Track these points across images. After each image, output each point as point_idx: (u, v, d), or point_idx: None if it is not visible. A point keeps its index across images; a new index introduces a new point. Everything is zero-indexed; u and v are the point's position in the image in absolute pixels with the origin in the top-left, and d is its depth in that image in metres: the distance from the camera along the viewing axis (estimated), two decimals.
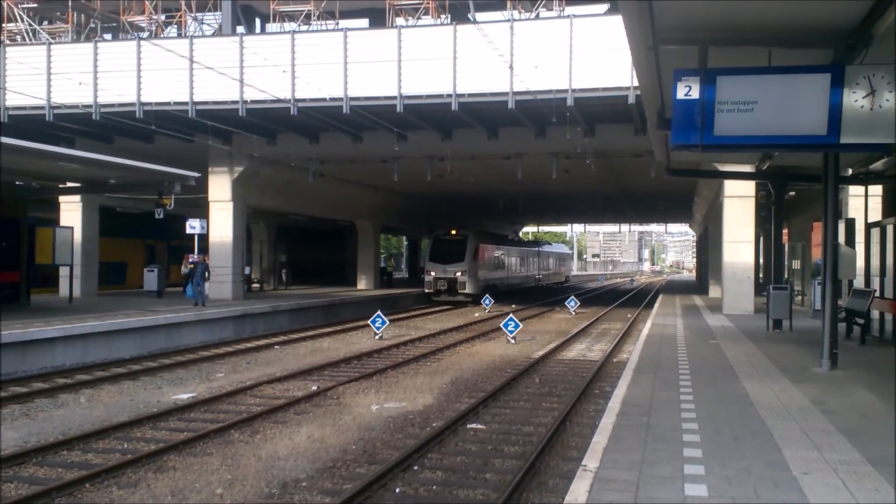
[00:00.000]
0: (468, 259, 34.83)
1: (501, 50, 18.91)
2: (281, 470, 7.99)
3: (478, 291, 34.64)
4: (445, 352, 17.80)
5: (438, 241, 35.95)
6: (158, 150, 24.92)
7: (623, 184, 35.88)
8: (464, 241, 35.39)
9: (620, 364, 14.74)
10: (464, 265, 34.61)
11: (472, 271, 34.98)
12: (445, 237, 35.89)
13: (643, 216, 61.34)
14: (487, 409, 11.09)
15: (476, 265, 35.41)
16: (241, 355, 16.71)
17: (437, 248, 35.59)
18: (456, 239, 35.62)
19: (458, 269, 34.59)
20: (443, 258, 34.89)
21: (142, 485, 7.52)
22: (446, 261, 34.67)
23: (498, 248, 41.51)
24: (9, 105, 22.04)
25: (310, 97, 20.59)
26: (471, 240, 35.70)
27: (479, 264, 36.04)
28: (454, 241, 35.51)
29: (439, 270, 34.70)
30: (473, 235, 36.24)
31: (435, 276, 34.72)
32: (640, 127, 21.45)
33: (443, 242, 35.68)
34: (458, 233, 35.90)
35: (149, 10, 31.26)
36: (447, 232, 36.06)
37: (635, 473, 5.72)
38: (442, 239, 35.90)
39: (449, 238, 35.80)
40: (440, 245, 35.64)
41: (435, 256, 35.35)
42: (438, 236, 36.18)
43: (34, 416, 10.59)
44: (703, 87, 9.13)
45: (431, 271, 35.06)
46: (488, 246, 38.67)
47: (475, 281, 35.19)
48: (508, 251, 44.24)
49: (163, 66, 21.07)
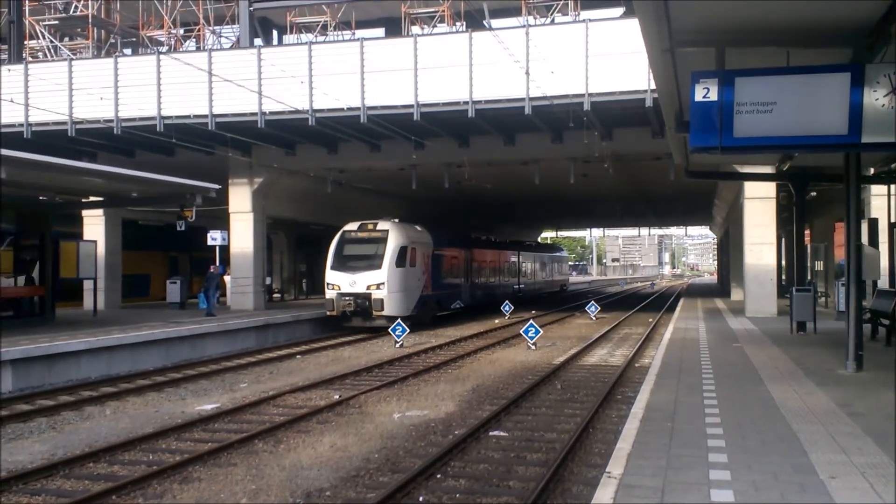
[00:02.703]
0: (389, 265, 23.53)
1: (517, 56, 18.94)
2: (305, 479, 8.02)
3: (408, 311, 24.02)
4: (466, 359, 17.79)
5: (345, 240, 24.59)
6: (179, 163, 25.16)
7: (642, 187, 35.72)
8: (383, 239, 24.10)
9: (643, 369, 14.65)
10: (382, 274, 23.37)
11: (399, 283, 23.77)
12: (355, 234, 24.73)
13: (663, 219, 60.95)
14: (509, 416, 11.06)
15: (405, 274, 24.18)
16: (264, 365, 16.80)
17: (343, 251, 24.33)
18: (371, 236, 24.44)
19: (374, 280, 23.34)
20: (350, 265, 23.88)
21: (167, 496, 7.57)
22: (355, 269, 23.70)
23: (448, 250, 29.15)
24: (32, 121, 22.38)
25: (327, 107, 20.73)
26: (395, 237, 24.19)
27: (411, 273, 24.65)
28: (368, 239, 24.43)
29: (345, 283, 23.43)
30: (399, 231, 24.66)
31: (339, 293, 23.44)
32: (658, 130, 21.37)
33: (351, 242, 24.55)
34: (376, 228, 24.69)
35: (167, 25, 31.66)
36: (361, 226, 24.88)
37: (660, 479, 5.68)
38: (350, 237, 24.65)
39: (360, 236, 24.65)
40: (347, 246, 24.47)
41: (339, 263, 24.04)
42: (346, 234, 24.76)
43: (61, 429, 10.71)
44: (721, 88, 9.09)
45: (334, 284, 23.63)
46: (426, 246, 26.56)
47: (404, 296, 24.02)
48: (468, 254, 31.69)
49: (182, 79, 21.33)
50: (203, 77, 20.97)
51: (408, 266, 24.41)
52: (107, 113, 21.83)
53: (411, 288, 24.70)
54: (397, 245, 24.07)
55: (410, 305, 24.57)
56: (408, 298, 24.35)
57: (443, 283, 28.18)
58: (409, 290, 24.52)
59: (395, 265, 23.67)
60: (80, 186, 18.33)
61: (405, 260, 24.27)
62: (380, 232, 24.52)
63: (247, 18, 26.89)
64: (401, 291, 23.90)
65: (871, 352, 12.02)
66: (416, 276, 25.15)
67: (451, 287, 29.37)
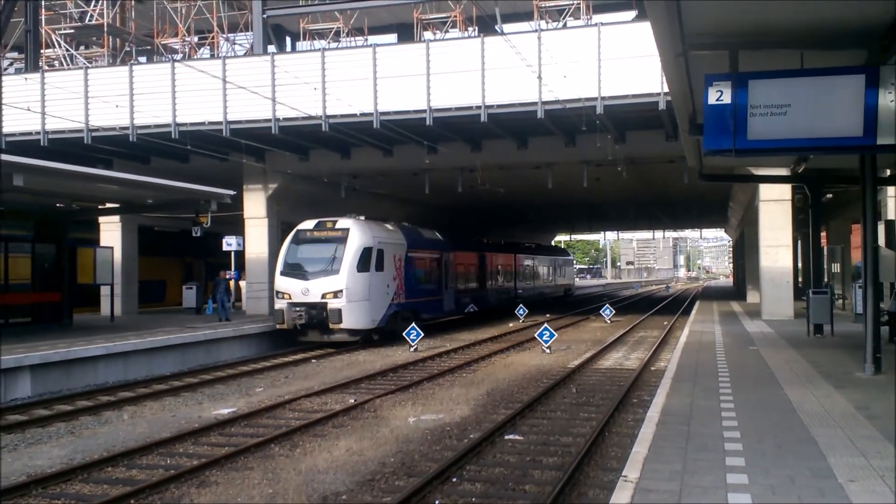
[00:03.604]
0: (349, 269, 20.22)
1: (529, 60, 18.95)
2: (321, 483, 8.05)
3: (373, 324, 20.91)
4: (480, 363, 17.79)
5: (299, 241, 21.38)
6: (194, 170, 25.35)
7: (656, 190, 35.60)
8: (342, 239, 20.75)
9: (658, 372, 14.59)
10: (340, 280, 20.05)
11: (361, 290, 20.43)
12: (310, 234, 21.45)
13: (677, 222, 60.71)
14: (525, 420, 11.06)
15: (369, 280, 20.83)
16: (279, 370, 16.87)
17: (296, 254, 21.19)
18: (329, 236, 21.10)
19: (330, 287, 20.04)
20: (303, 270, 20.69)
21: (185, 500, 7.63)
22: (309, 274, 20.48)
23: (425, 252, 25.60)
24: (49, 129, 22.63)
25: (340, 113, 20.85)
26: (357, 236, 20.84)
27: (377, 278, 21.27)
28: (325, 240, 21.10)
29: (297, 291, 20.20)
30: (362, 230, 21.26)
31: (290, 303, 20.15)
32: (671, 133, 21.31)
33: (305, 243, 21.26)
34: (334, 226, 21.27)
35: (182, 33, 31.95)
36: (318, 224, 21.58)
37: (677, 483, 5.67)
38: (305, 237, 21.39)
39: (316, 235, 21.33)
40: (301, 248, 21.24)
41: (291, 267, 20.88)
42: (300, 233, 21.57)
43: (79, 434, 10.81)
44: (734, 91, 9.06)
45: (284, 293, 20.42)
46: (397, 247, 23.13)
47: (367, 306, 20.66)
48: (450, 257, 27.64)
49: (197, 86, 21.51)
50: (217, 84, 21.13)
51: (373, 270, 21.00)
52: (122, 120, 22.04)
53: (377, 296, 21.25)
54: (359, 246, 20.66)
55: (376, 316, 21.13)
56: (372, 308, 20.90)
57: (419, 289, 24.55)
58: (375, 298, 21.06)
59: (356, 269, 20.37)
60: (97, 193, 18.49)
61: (369, 263, 20.88)
62: (339, 231, 20.99)
63: (260, 26, 27.06)
64: (363, 300, 20.46)
65: (889, 354, 11.94)
66: (383, 282, 21.64)
67: (429, 294, 25.48)
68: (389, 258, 22.24)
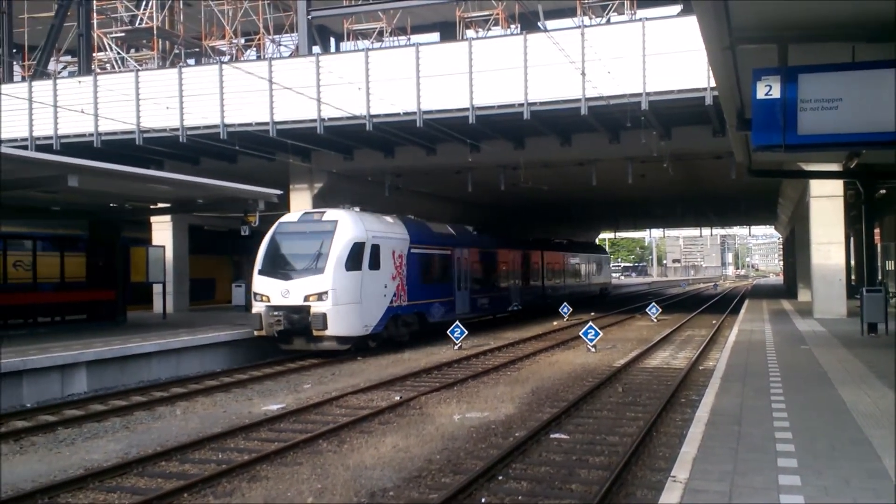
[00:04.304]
0: (335, 267, 17.79)
1: (573, 57, 18.84)
2: (368, 479, 8.15)
3: (366, 330, 18.55)
4: (525, 361, 17.76)
5: (280, 235, 19.05)
6: (242, 170, 25.80)
7: (702, 186, 35.07)
8: (329, 232, 18.35)
9: (707, 372, 14.40)
10: (325, 280, 17.61)
11: (350, 291, 17.96)
12: (294, 227, 19.09)
13: (725, 219, 59.65)
14: (570, 419, 11.02)
15: (361, 280, 18.34)
16: (327, 367, 17.07)
17: (277, 250, 18.84)
18: (315, 230, 18.69)
19: (313, 288, 17.62)
20: (284, 269, 18.33)
21: (237, 494, 7.79)
22: (290, 273, 18.09)
23: (433, 248, 22.88)
24: (102, 130, 23.24)
25: (384, 112, 21.00)
26: (347, 229, 18.46)
27: (371, 278, 18.75)
28: (310, 234, 18.69)
29: (276, 293, 17.85)
30: (353, 222, 18.82)
31: (268, 306, 17.83)
32: (718, 128, 20.98)
33: (288, 238, 18.93)
34: (321, 218, 19.03)
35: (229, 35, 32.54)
36: (303, 216, 19.46)
37: (727, 484, 5.61)
38: (287, 231, 19.05)
39: (300, 229, 18.95)
40: (283, 243, 18.91)
41: (270, 265, 18.55)
42: (282, 226, 19.23)
43: (134, 429, 11.10)
44: (783, 85, 8.88)
45: (262, 294, 18.08)
46: (398, 242, 20.54)
47: (359, 310, 18.21)
48: (463, 253, 24.86)
49: (244, 87, 21.88)
50: (264, 85, 21.47)
51: (366, 269, 18.51)
52: (172, 122, 22.54)
53: (372, 298, 18.72)
54: (349, 240, 18.18)
55: (370, 321, 18.66)
56: (365, 312, 18.40)
57: (425, 290, 21.91)
58: (369, 300, 18.56)
59: (344, 267, 17.89)
60: (149, 194, 18.94)
61: (361, 260, 18.38)
62: (326, 223, 18.59)
63: (305, 27, 27.41)
64: (353, 303, 17.97)
65: None
66: (378, 283, 19.10)
67: (437, 295, 22.82)
68: (387, 255, 19.74)
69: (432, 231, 23.59)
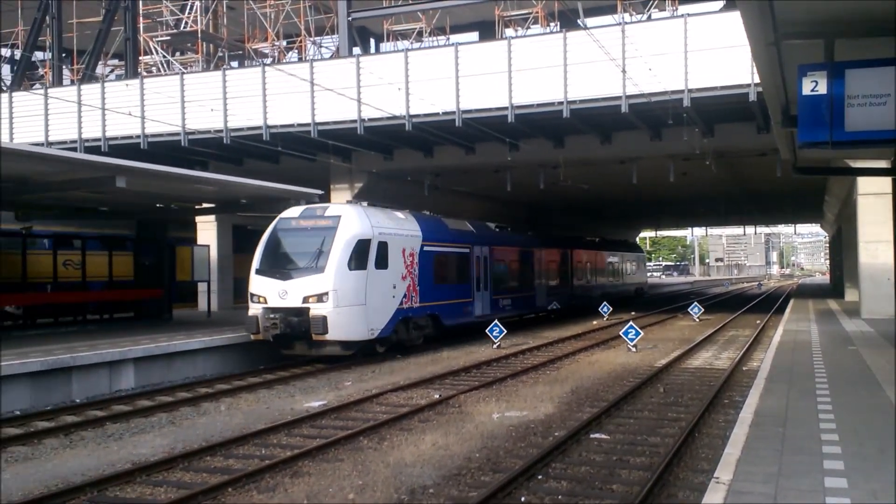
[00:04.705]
0: (337, 266, 16.56)
1: (613, 54, 18.69)
2: (408, 476, 8.21)
3: (372, 334, 17.33)
4: (564, 360, 17.68)
5: (280, 232, 17.81)
6: (284, 170, 26.13)
7: (746, 184, 34.50)
8: (331, 228, 17.13)
9: (751, 373, 14.18)
10: (325, 280, 16.40)
11: (353, 292, 16.76)
12: (295, 223, 17.76)
13: (769, 217, 58.63)
14: (610, 419, 10.95)
15: (366, 280, 17.15)
16: (366, 365, 17.19)
17: (276, 248, 17.66)
18: (316, 226, 17.48)
19: (313, 288, 16.42)
20: (282, 268, 17.12)
21: (279, 489, 7.91)
22: (288, 273, 16.88)
23: (449, 245, 21.55)
24: (148, 132, 23.75)
25: (423, 112, 21.10)
26: (350, 225, 17.23)
27: (378, 278, 17.56)
28: (311, 230, 17.46)
29: (273, 293, 16.69)
30: (357, 217, 17.57)
31: (265, 307, 16.66)
32: (763, 125, 20.64)
33: (288, 235, 17.66)
34: (324, 213, 17.75)
35: (271, 37, 32.99)
36: (305, 212, 17.97)
37: (772, 486, 5.53)
38: (287, 227, 17.77)
39: (301, 225, 17.68)
40: (283, 240, 17.69)
41: (268, 264, 17.39)
42: (282, 222, 17.94)
43: (179, 424, 11.34)
44: (830, 81, 8.71)
45: (259, 296, 16.95)
46: (409, 240, 19.28)
47: (363, 313, 16.99)
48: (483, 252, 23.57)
49: (286, 89, 22.18)
50: (305, 87, 21.73)
51: (371, 268, 17.32)
52: (216, 123, 22.93)
53: (378, 299, 17.49)
54: (353, 237, 16.95)
55: (377, 324, 17.44)
56: (370, 315, 17.18)
57: (440, 290, 20.72)
58: (375, 302, 17.33)
59: (347, 266, 16.67)
60: (194, 194, 19.31)
61: (366, 259, 17.20)
62: (328, 219, 17.38)
63: (345, 28, 27.64)
64: (357, 305, 16.75)
65: None
66: (386, 283, 17.93)
67: (454, 296, 21.60)
68: (397, 253, 18.52)
69: (448, 228, 22.26)
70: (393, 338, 18.38)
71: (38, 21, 30.58)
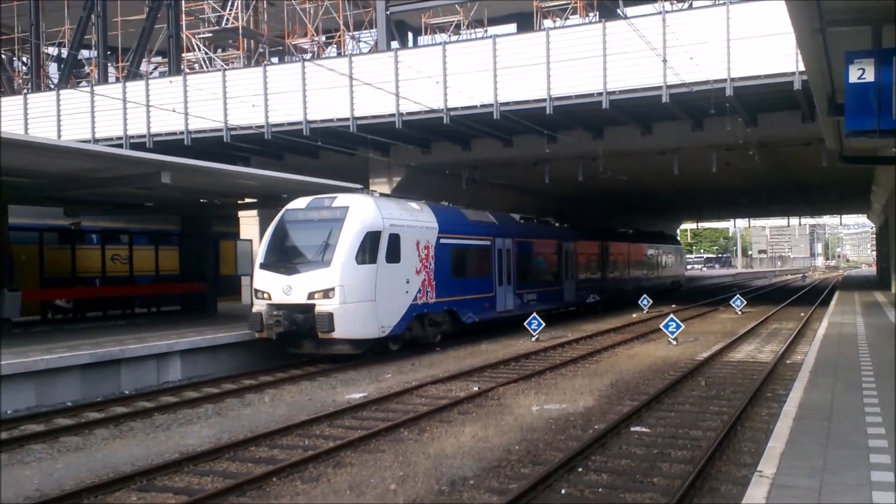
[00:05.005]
0: (344, 260, 15.70)
1: (654, 43, 18.47)
2: (449, 468, 8.28)
3: (382, 332, 16.47)
4: (603, 353, 17.60)
5: (286, 224, 16.96)
6: (323, 165, 26.34)
7: (791, 174, 33.82)
8: (338, 220, 16.24)
9: (795, 366, 13.96)
10: (331, 274, 15.52)
11: (362, 288, 15.91)
12: (302, 215, 16.89)
13: (814, 208, 57.35)
14: (651, 412, 10.90)
15: (376, 274, 16.27)
16: (406, 358, 17.33)
17: (281, 241, 16.82)
18: (323, 217, 16.58)
19: (318, 283, 15.55)
20: (286, 262, 16.26)
21: (323, 480, 8.05)
22: (293, 267, 16.05)
23: (469, 238, 20.75)
24: (191, 128, 24.15)
25: (461, 105, 21.08)
26: (359, 216, 16.34)
27: (389, 272, 16.68)
28: (318, 222, 16.57)
29: (277, 289, 15.85)
30: (367, 208, 16.65)
31: (269, 304, 15.86)
32: (808, 114, 20.21)
33: (294, 227, 16.85)
34: (331, 204, 16.76)
35: (311, 33, 33.24)
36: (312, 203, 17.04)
37: (817, 480, 5.47)
38: (293, 219, 16.93)
39: (309, 216, 16.79)
40: (289, 233, 16.87)
41: (273, 258, 16.50)
42: (288, 214, 17.09)
43: (225, 415, 11.58)
44: (878, 68, 8.52)
45: (263, 291, 16.16)
46: (424, 231, 18.44)
47: (372, 310, 16.08)
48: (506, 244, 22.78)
49: (325, 84, 22.34)
50: (344, 81, 21.87)
51: (382, 261, 16.43)
52: (258, 119, 23.21)
53: (389, 295, 16.60)
54: (361, 229, 16.05)
55: (388, 322, 16.58)
56: (381, 311, 16.28)
57: (459, 285, 19.81)
58: (386, 298, 16.44)
59: (354, 260, 15.78)
60: (236, 189, 19.61)
61: (376, 252, 16.31)
62: (335, 210, 16.47)
63: (384, 22, 27.74)
64: (366, 301, 15.85)
65: None
66: (398, 277, 17.05)
67: (474, 290, 20.70)
68: (410, 245, 17.62)
69: (467, 219, 21.27)
70: (406, 335, 17.65)
71: (83, 20, 31.26)
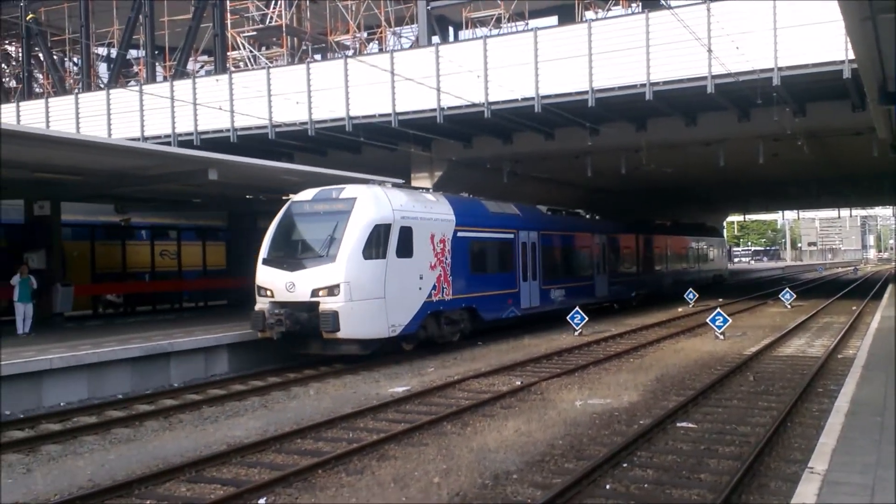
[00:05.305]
0: (350, 255, 14.82)
1: (698, 33, 18.15)
2: (492, 462, 8.30)
3: (393, 331, 15.58)
4: (648, 348, 17.42)
5: (291, 216, 16.27)
6: (366, 161, 26.51)
7: (841, 165, 32.94)
8: (345, 212, 15.39)
9: (846, 361, 13.65)
10: (336, 270, 14.67)
11: (370, 285, 15.05)
12: (308, 207, 16.18)
13: (866, 199, 55.80)
14: (698, 408, 10.76)
15: (386, 270, 15.42)
16: (448, 352, 17.38)
17: (285, 235, 16.08)
18: (330, 209, 15.76)
19: (323, 280, 14.70)
20: (290, 258, 15.46)
21: (367, 472, 8.13)
22: (296, 263, 15.22)
23: (489, 231, 19.78)
24: (237, 126, 24.50)
25: (502, 99, 20.99)
26: (367, 208, 15.48)
27: (400, 268, 15.82)
28: (324, 214, 15.80)
29: (281, 286, 15.03)
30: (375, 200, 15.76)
31: (272, 301, 15.06)
32: (858, 103, 19.66)
33: (300, 220, 16.12)
34: (339, 196, 15.93)
35: (353, 29, 33.47)
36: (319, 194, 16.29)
37: (869, 477, 5.35)
38: (299, 212, 16.23)
39: (315, 209, 16.06)
40: (294, 226, 16.15)
41: (276, 253, 15.70)
42: (294, 206, 16.44)
43: (271, 407, 11.77)
44: None
45: (266, 288, 15.35)
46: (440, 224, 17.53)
47: (382, 307, 15.23)
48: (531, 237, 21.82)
49: (367, 80, 22.47)
50: (386, 77, 21.97)
51: (392, 256, 15.52)
52: (301, 116, 23.45)
53: (401, 292, 15.71)
54: (369, 222, 15.17)
55: (399, 320, 15.69)
56: (391, 309, 15.38)
57: (478, 281, 18.86)
58: (396, 295, 15.54)
59: (361, 255, 14.89)
60: (281, 185, 19.87)
61: (385, 246, 15.39)
62: (342, 202, 15.58)
63: (424, 18, 27.76)
64: (374, 298, 14.98)
65: None
66: (411, 273, 16.16)
67: (495, 286, 19.73)
68: (424, 239, 16.67)
69: (488, 211, 20.31)
70: (421, 334, 16.82)
71: (131, 20, 31.89)
